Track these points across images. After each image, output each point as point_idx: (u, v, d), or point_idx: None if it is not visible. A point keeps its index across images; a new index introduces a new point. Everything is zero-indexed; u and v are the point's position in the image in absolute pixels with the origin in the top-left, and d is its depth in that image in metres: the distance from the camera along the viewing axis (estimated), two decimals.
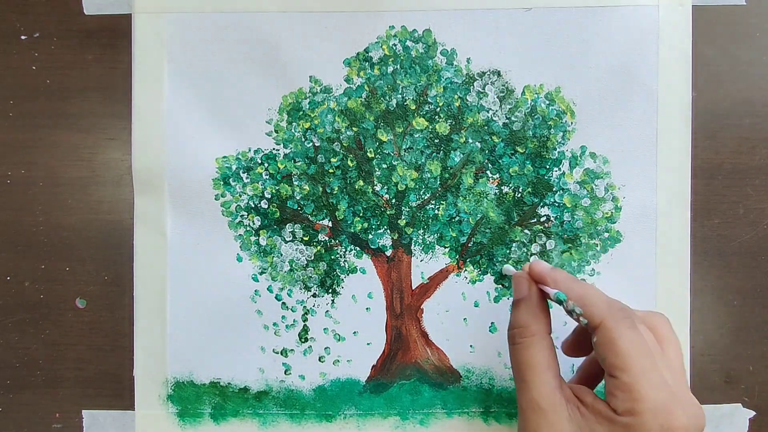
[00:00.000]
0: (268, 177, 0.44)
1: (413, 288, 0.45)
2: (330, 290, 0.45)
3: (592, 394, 0.33)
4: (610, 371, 0.32)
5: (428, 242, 0.45)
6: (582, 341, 0.39)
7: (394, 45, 0.44)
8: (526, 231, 0.44)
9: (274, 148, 0.44)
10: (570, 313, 0.34)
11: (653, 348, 0.32)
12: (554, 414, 0.32)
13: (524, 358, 0.34)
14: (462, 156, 0.44)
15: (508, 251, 0.44)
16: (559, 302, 0.34)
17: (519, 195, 0.44)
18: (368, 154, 0.44)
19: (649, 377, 0.30)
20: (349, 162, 0.44)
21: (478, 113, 0.44)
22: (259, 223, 0.44)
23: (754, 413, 0.45)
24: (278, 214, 0.45)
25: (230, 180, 0.44)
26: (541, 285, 0.35)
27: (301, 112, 0.44)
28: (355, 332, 0.45)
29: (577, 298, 0.33)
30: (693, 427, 0.30)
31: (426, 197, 0.44)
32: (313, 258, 0.45)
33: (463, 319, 0.45)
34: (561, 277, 0.35)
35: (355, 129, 0.44)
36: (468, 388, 0.45)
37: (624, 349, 0.31)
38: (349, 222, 0.44)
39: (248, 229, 0.44)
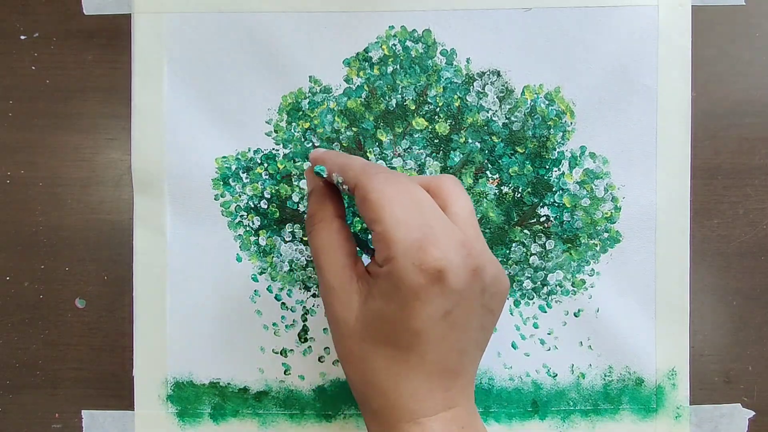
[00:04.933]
0: (267, 177, 0.44)
1: None
2: None
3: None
4: (369, 226, 0.31)
5: None
6: None
7: (394, 45, 0.44)
8: (525, 231, 0.44)
9: (273, 148, 0.44)
10: (338, 185, 0.33)
11: (419, 200, 0.31)
12: (344, 291, 0.32)
13: (316, 243, 0.33)
14: (462, 156, 0.44)
15: (507, 251, 0.44)
16: (319, 175, 0.34)
17: (519, 195, 0.44)
18: (368, 154, 0.44)
19: (403, 222, 0.29)
20: None
21: (478, 113, 0.44)
22: (259, 223, 0.44)
23: (753, 413, 0.45)
24: (278, 214, 0.45)
25: (230, 180, 0.44)
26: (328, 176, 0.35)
27: (300, 112, 0.44)
28: None
29: (338, 168, 0.33)
30: (456, 262, 0.29)
31: None
32: (312, 258, 0.45)
33: None
34: (327, 155, 0.34)
35: (354, 129, 0.44)
36: None
37: (375, 200, 0.30)
38: (348, 222, 0.44)
39: (248, 229, 0.44)
